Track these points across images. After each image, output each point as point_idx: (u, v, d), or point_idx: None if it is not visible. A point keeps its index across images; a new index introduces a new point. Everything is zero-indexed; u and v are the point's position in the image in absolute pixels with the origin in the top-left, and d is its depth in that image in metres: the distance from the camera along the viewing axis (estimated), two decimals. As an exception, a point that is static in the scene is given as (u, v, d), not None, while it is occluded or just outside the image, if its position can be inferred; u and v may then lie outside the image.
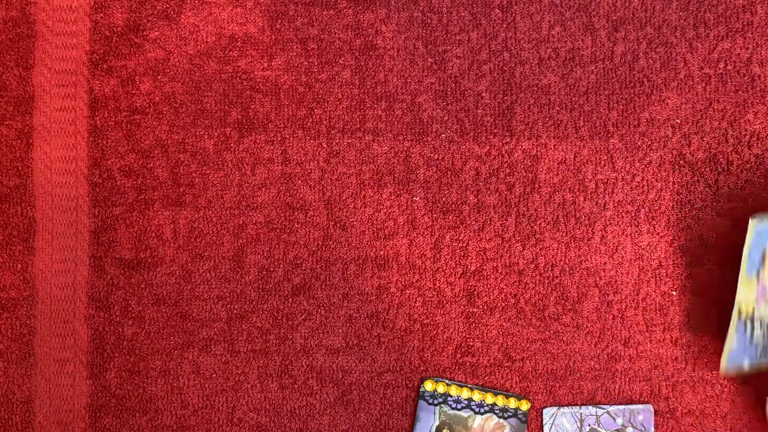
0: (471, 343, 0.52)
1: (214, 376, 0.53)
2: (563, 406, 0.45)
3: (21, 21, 0.54)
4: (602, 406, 0.46)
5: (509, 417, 0.52)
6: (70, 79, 0.54)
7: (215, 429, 0.53)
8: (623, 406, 0.47)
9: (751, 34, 0.52)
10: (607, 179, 0.52)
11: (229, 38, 0.54)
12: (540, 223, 0.52)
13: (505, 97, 0.53)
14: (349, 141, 0.54)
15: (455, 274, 0.52)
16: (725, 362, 0.49)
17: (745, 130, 0.52)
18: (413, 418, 0.52)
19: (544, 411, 0.46)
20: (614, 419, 0.46)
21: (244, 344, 0.53)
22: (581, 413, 0.46)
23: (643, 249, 0.52)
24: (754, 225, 0.48)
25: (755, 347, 0.50)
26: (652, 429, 0.49)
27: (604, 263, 0.52)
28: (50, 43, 0.54)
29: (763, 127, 0.52)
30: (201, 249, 0.53)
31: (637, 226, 0.52)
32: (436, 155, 0.53)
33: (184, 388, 0.53)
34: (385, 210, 0.53)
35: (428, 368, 0.53)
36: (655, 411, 0.51)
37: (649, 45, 0.53)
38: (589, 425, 0.45)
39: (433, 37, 0.54)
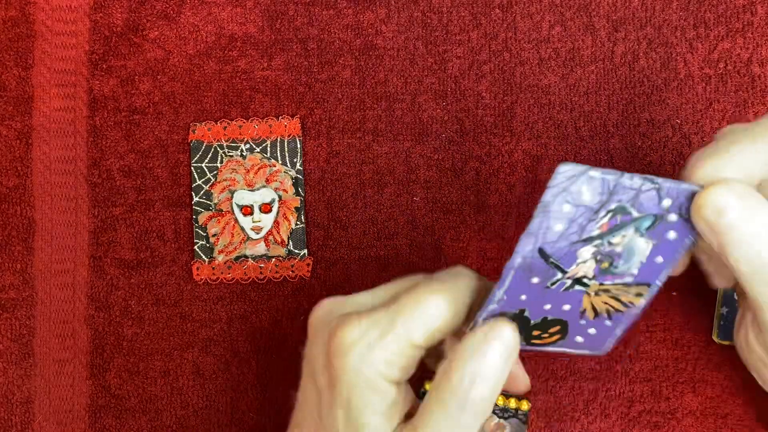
0: (471, 343, 0.52)
1: (214, 376, 0.53)
2: (595, 167, 0.33)
3: (20, 21, 0.54)
4: (655, 179, 0.34)
5: (509, 417, 0.52)
6: (70, 79, 0.54)
7: (216, 429, 0.53)
8: (680, 185, 0.35)
9: (752, 34, 0.52)
10: (608, 179, 0.52)
11: (229, 38, 0.54)
12: (540, 224, 0.52)
13: (506, 98, 0.53)
14: (349, 141, 0.54)
15: (456, 275, 0.52)
16: (716, 329, 0.50)
17: (745, 130, 0.52)
18: (414, 419, 0.52)
19: (560, 170, 0.32)
20: (660, 200, 0.34)
21: (244, 344, 0.53)
22: (617, 183, 0.33)
23: (643, 249, 0.52)
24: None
25: None
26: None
27: (605, 263, 0.52)
28: (50, 43, 0.54)
29: (763, 128, 0.52)
30: (201, 249, 0.53)
31: (638, 226, 0.52)
32: (437, 155, 0.53)
33: (184, 389, 0.53)
34: (385, 210, 0.53)
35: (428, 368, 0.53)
36: (656, 411, 0.51)
37: (650, 45, 0.53)
38: (619, 201, 0.33)
39: (433, 37, 0.54)
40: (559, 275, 0.35)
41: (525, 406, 0.52)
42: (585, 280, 0.36)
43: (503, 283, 0.34)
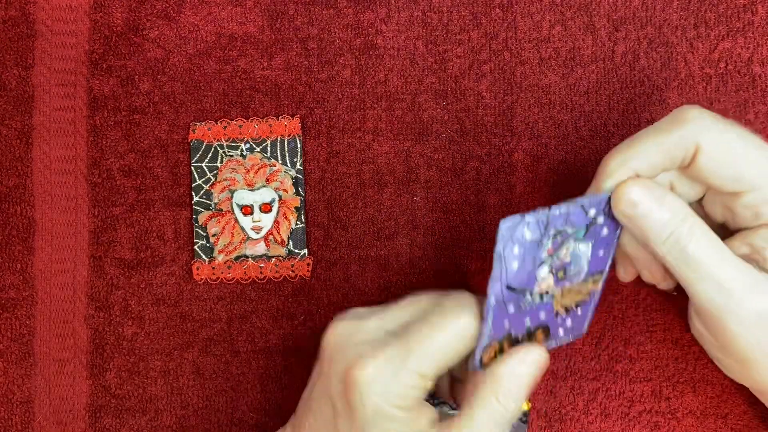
0: (471, 343, 0.52)
1: (214, 376, 0.53)
2: (526, 213, 0.38)
3: (20, 20, 0.54)
4: (577, 199, 0.40)
5: (509, 417, 0.52)
6: (70, 78, 0.54)
7: (215, 429, 0.53)
8: (597, 196, 0.41)
9: (752, 33, 0.52)
10: (608, 179, 0.52)
11: (229, 38, 0.54)
12: (541, 224, 0.52)
13: (506, 97, 0.53)
14: (349, 141, 0.53)
15: (456, 274, 0.52)
16: None
17: (746, 130, 0.52)
18: (414, 418, 0.52)
19: (502, 225, 0.37)
20: (587, 212, 0.40)
21: (244, 344, 0.53)
22: (548, 216, 0.39)
23: (643, 249, 0.52)
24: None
25: None
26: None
27: (605, 263, 0.52)
28: (50, 42, 0.54)
29: (763, 127, 0.52)
30: (201, 249, 0.53)
31: (638, 226, 0.52)
32: (437, 155, 0.53)
33: (184, 389, 0.53)
34: (385, 210, 0.53)
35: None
36: (657, 411, 0.51)
37: (650, 45, 0.53)
38: (555, 227, 0.39)
39: (433, 36, 0.54)
40: (528, 297, 0.41)
41: (525, 406, 0.51)
42: (549, 291, 0.42)
43: (487, 321, 0.39)
